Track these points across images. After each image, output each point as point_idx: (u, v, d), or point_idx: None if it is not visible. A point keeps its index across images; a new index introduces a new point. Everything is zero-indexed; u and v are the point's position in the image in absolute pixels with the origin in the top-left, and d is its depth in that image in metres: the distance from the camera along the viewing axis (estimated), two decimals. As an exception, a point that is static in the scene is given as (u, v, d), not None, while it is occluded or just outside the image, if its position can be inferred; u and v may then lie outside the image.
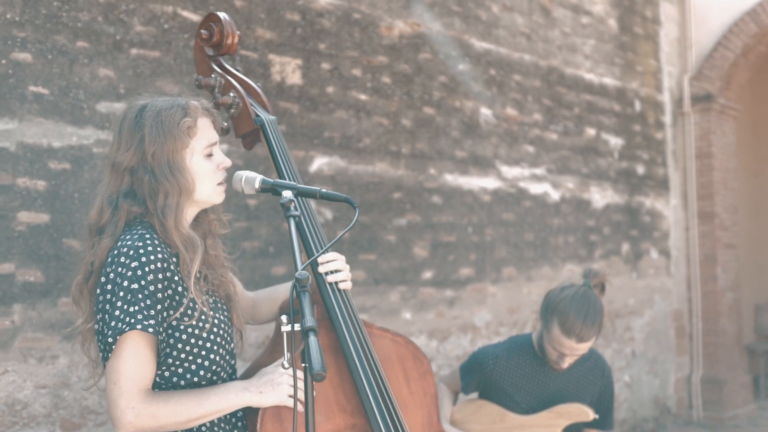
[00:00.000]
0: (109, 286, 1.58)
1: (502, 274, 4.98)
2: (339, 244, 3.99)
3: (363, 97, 4.21)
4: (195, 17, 3.48)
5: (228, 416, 1.70)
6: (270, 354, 1.84)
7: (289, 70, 3.86)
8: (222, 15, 2.07)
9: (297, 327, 1.47)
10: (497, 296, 4.94)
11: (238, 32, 2.08)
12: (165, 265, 1.62)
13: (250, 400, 1.64)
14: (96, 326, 1.61)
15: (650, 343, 6.33)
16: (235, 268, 1.90)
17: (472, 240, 4.78)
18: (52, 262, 2.95)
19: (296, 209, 1.63)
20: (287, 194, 1.63)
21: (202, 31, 2.08)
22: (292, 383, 1.65)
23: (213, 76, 2.09)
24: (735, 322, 6.96)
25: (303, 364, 1.41)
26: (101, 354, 1.64)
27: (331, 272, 1.85)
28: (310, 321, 1.40)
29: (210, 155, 1.74)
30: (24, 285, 2.87)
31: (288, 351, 1.53)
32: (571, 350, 2.44)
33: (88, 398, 3.02)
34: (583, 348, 2.44)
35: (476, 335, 4.78)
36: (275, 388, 1.64)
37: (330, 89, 4.05)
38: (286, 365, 1.55)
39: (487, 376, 2.64)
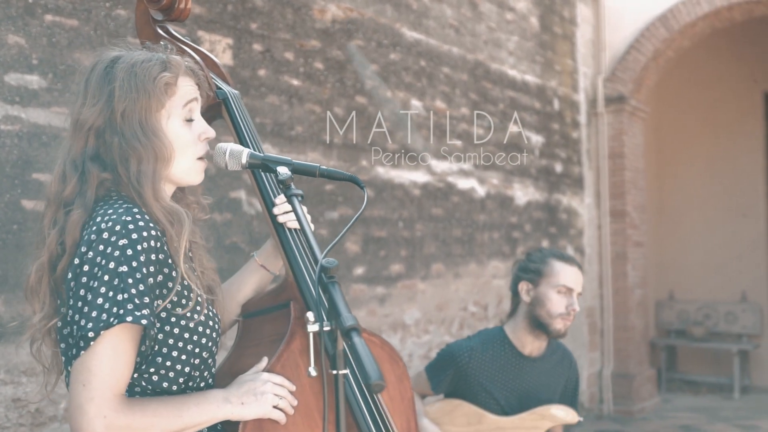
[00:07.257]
0: (86, 268, 1.28)
1: (431, 271, 4.86)
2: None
3: (295, 82, 3.97)
4: (118, -15, 3.14)
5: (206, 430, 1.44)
6: (239, 357, 1.60)
7: (219, 49, 3.57)
8: None
9: (326, 327, 1.22)
10: (426, 293, 4.81)
11: None
12: (158, 244, 1.34)
13: (231, 413, 1.39)
14: (66, 319, 1.31)
15: (565, 339, 6.39)
16: (212, 260, 1.63)
17: (402, 235, 4.63)
18: (-49, 254, 2.56)
19: (296, 187, 1.39)
20: (284, 170, 1.40)
21: None
22: (276, 392, 1.42)
23: (163, 43, 1.81)
24: (642, 318, 7.17)
25: (333, 371, 1.18)
26: (67, 351, 1.34)
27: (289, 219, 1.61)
28: (349, 319, 1.15)
29: (190, 120, 1.46)
30: None
31: (316, 356, 1.27)
32: (576, 283, 2.49)
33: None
34: (580, 283, 2.51)
35: (406, 334, 4.63)
36: (258, 398, 1.39)
37: (262, 72, 3.79)
38: (313, 373, 1.30)
39: (462, 370, 2.49)
